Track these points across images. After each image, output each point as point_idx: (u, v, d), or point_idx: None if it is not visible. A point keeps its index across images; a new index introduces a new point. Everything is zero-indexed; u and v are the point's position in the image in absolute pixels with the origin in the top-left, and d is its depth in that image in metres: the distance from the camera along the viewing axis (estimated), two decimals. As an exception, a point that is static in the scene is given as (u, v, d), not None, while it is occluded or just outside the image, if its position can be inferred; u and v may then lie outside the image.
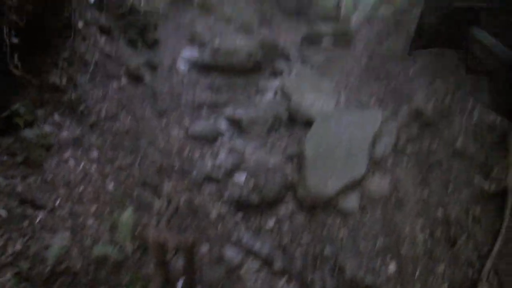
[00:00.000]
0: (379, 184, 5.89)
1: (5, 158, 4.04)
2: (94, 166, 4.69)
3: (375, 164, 6.29)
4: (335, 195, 5.63)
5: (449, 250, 4.97)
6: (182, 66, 8.57)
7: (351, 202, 5.64)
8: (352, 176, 5.79)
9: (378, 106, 8.12)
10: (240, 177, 6.19)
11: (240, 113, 7.84)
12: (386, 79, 9.20)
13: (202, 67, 8.88)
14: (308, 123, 7.40)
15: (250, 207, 5.86)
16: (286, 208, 5.84)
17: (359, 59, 11.08)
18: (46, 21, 5.02)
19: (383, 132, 6.83)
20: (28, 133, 4.34)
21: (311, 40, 12.40)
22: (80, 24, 5.79)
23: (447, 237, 5.06)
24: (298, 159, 6.55)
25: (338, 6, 16.95)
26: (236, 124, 7.74)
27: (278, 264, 5.21)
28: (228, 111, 7.96)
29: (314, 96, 8.30)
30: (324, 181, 5.71)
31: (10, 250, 3.40)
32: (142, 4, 7.59)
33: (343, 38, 12.49)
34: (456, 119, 6.34)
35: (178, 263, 4.17)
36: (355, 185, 5.83)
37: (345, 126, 6.80)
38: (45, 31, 5.09)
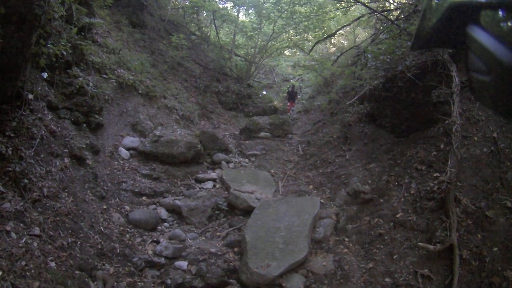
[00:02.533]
0: (322, 262, 6.27)
1: None
2: (35, 242, 4.74)
3: (317, 245, 6.72)
4: (278, 277, 5.89)
5: None
6: (123, 152, 8.87)
7: (296, 282, 5.91)
8: (294, 258, 6.13)
9: (316, 192, 8.75)
10: (182, 264, 6.31)
11: (179, 202, 8.15)
12: (323, 166, 9.98)
13: (143, 156, 9.24)
14: (247, 212, 7.84)
15: (194, 293, 5.96)
16: (231, 292, 6.00)
17: (296, 148, 11.95)
18: (0, 87, 5.31)
19: (322, 215, 7.41)
20: (-30, 202, 4.43)
21: (250, 131, 13.31)
22: (30, 96, 6.06)
23: None
24: (239, 246, 6.83)
25: (276, 99, 18.38)
26: (177, 213, 8.01)
27: None
28: (168, 200, 8.26)
29: (253, 186, 8.83)
30: (266, 264, 5.99)
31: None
32: (90, 86, 8.00)
33: (281, 129, 13.54)
34: (394, 193, 7.06)
35: None
36: (298, 266, 6.17)
37: (283, 213, 7.30)
38: None
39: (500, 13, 0.81)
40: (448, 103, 7.33)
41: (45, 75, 6.87)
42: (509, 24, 0.79)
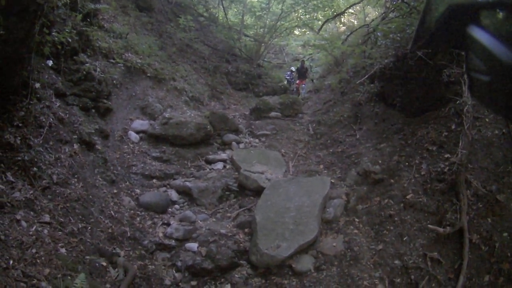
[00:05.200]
0: (332, 243, 6.21)
1: None
2: (46, 229, 4.72)
3: (327, 226, 6.65)
4: (288, 258, 5.85)
5: None
6: (133, 136, 8.81)
7: (306, 263, 5.88)
8: (304, 239, 6.07)
9: (327, 171, 8.63)
10: (193, 245, 6.30)
11: (190, 183, 8.10)
12: (333, 145, 9.83)
13: (152, 138, 9.17)
14: (257, 192, 7.75)
15: (204, 274, 5.92)
16: (241, 273, 5.94)
17: (307, 128, 11.77)
18: (4, 79, 5.22)
19: (333, 195, 7.27)
20: (-20, 191, 4.40)
21: (260, 111, 13.09)
22: (37, 85, 5.99)
23: (408, 283, 5.38)
24: (249, 227, 6.77)
25: (286, 78, 18.07)
26: (187, 194, 7.97)
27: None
28: (178, 182, 8.21)
29: (263, 167, 8.72)
30: (276, 245, 5.94)
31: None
32: (98, 72, 7.91)
33: (291, 108, 13.30)
34: (405, 174, 6.91)
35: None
36: (308, 247, 6.12)
37: (294, 193, 7.20)
38: (3, 88, 5.28)
39: (500, 13, 0.80)
40: (460, 83, 7.09)
41: (50, 63, 6.78)
42: (509, 24, 0.78)
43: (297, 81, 17.13)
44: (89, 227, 5.49)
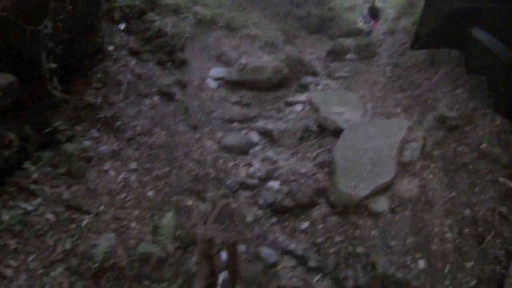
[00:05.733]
0: (407, 187, 6.00)
1: (48, 169, 4.40)
2: (133, 176, 5.00)
3: (403, 169, 6.39)
4: (365, 198, 5.75)
5: (477, 247, 5.02)
6: (211, 83, 8.93)
7: (381, 204, 5.74)
8: (381, 180, 5.92)
9: (404, 114, 8.24)
10: (274, 184, 6.36)
11: (270, 125, 8.10)
12: (410, 88, 9.30)
13: (230, 84, 9.23)
14: (336, 133, 7.55)
15: (285, 211, 6.01)
16: (319, 211, 5.95)
17: (383, 71, 11.22)
18: (79, 46, 5.48)
19: (410, 138, 6.95)
20: (69, 147, 4.72)
21: (336, 54, 12.65)
22: (111, 48, 6.21)
23: (475, 235, 5.11)
24: (328, 166, 6.70)
25: (360, 20, 17.17)
26: (268, 136, 7.98)
27: (312, 262, 5.30)
28: (259, 124, 8.24)
29: (341, 108, 8.45)
30: (354, 185, 5.85)
31: (60, 249, 3.70)
32: (168, 27, 8.01)
33: (367, 50, 12.68)
34: (480, 123, 6.44)
35: (222, 257, 4.36)
36: (385, 188, 5.95)
37: (372, 134, 6.97)
38: (79, 55, 5.56)
39: (500, 13, 0.67)
40: None
41: (122, 26, 6.99)
42: (509, 24, 0.65)
43: (372, 22, 16.25)
44: (174, 171, 5.72)
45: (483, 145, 6.10)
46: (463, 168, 6.02)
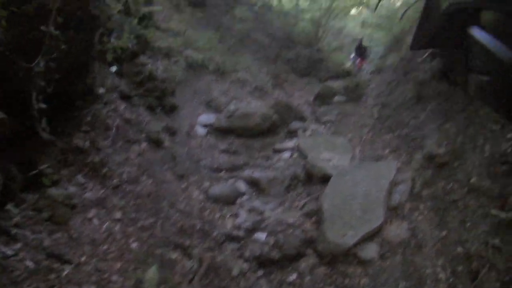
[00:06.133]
0: (397, 231, 6.00)
1: (31, 213, 4.31)
2: (117, 226, 4.94)
3: (392, 212, 6.41)
4: (354, 246, 5.71)
5: (471, 284, 4.95)
6: (200, 130, 8.98)
7: (371, 251, 5.70)
8: (370, 226, 5.91)
9: (392, 156, 8.33)
10: (261, 236, 6.31)
11: (258, 174, 8.10)
12: (398, 128, 9.45)
13: (219, 131, 9.29)
14: (324, 180, 7.56)
15: (271, 264, 5.91)
16: (307, 262, 5.87)
17: (371, 111, 11.40)
18: (71, 87, 5.49)
19: (398, 180, 7.01)
20: (54, 191, 4.64)
21: (324, 97, 12.90)
22: (102, 90, 6.25)
23: (469, 271, 5.07)
24: (316, 215, 6.67)
25: (348, 61, 17.56)
26: (255, 185, 7.96)
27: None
28: (246, 173, 8.24)
29: (330, 153, 8.53)
30: (343, 233, 5.83)
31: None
32: (160, 71, 8.11)
33: (355, 92, 12.94)
34: (469, 156, 6.53)
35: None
36: (374, 234, 5.94)
37: (360, 179, 7.00)
38: (69, 96, 5.56)
39: (500, 13, 0.73)
40: None
41: (114, 68, 7.04)
42: (509, 24, 0.67)
43: (357, 61, 16.56)
44: (160, 222, 5.65)
45: (473, 179, 6.06)
46: (453, 205, 5.99)
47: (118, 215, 5.10)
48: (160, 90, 8.06)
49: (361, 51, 16.41)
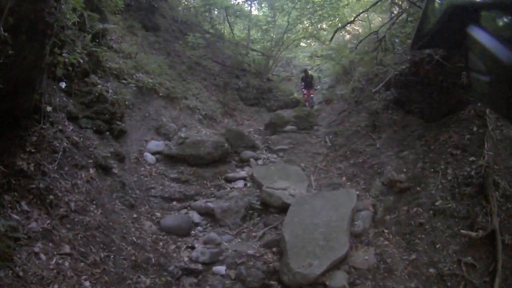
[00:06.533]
0: (364, 257, 5.99)
1: None
2: (67, 261, 4.43)
3: (356, 239, 6.44)
4: (321, 276, 5.57)
5: None
6: (149, 157, 8.58)
7: (339, 279, 5.61)
8: (335, 255, 5.83)
9: (350, 183, 8.39)
10: (220, 269, 6.01)
11: (211, 204, 7.83)
12: (354, 156, 9.60)
13: (169, 159, 8.92)
14: (282, 209, 7.46)
15: (235, 299, 5.64)
16: (273, 295, 5.68)
17: (324, 140, 11.57)
18: (16, 104, 4.99)
19: (359, 207, 7.09)
20: (-5, 221, 4.12)
21: (275, 126, 12.94)
22: (49, 109, 5.76)
23: None
24: (277, 245, 6.52)
25: (297, 90, 17.83)
26: (209, 215, 7.68)
27: None
28: (199, 203, 7.94)
29: (284, 182, 8.41)
30: (308, 263, 5.67)
31: None
32: (110, 93, 7.71)
33: (306, 121, 13.14)
34: (431, 181, 6.78)
35: None
36: (340, 262, 5.86)
37: (320, 208, 6.94)
38: (14, 112, 5.05)
39: (500, 13, 0.81)
40: None
41: (63, 85, 6.58)
42: (509, 24, 0.78)
43: (305, 91, 16.73)
44: (112, 256, 5.19)
45: (437, 203, 6.34)
46: (420, 228, 6.16)
47: (67, 249, 4.59)
48: (109, 113, 7.62)
49: (307, 82, 16.57)
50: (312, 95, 16.48)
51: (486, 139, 6.47)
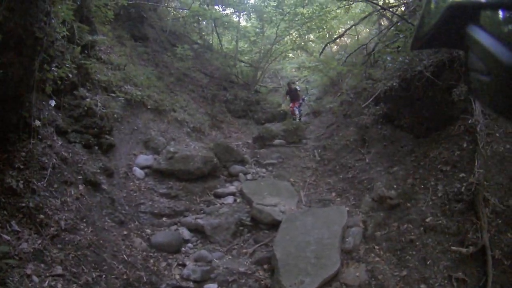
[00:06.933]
0: (355, 273, 6.04)
1: None
2: (60, 283, 4.37)
3: (347, 256, 6.48)
4: (313, 294, 5.58)
5: None
6: (138, 172, 8.53)
7: None
8: (327, 273, 5.89)
9: (340, 199, 8.46)
10: (212, 286, 6.00)
11: (201, 221, 7.81)
12: (343, 171, 9.67)
13: (158, 173, 8.88)
14: (272, 226, 7.53)
15: (227, 318, 5.64)
16: (265, 312, 5.70)
17: (313, 154, 11.61)
18: (4, 119, 4.99)
19: (350, 223, 7.15)
20: (-14, 242, 4.06)
21: (264, 139, 12.96)
22: (38, 123, 5.71)
23: None
24: (268, 263, 6.56)
25: (283, 102, 17.84)
26: (199, 232, 7.67)
27: None
28: (189, 219, 7.92)
29: (274, 198, 8.46)
30: (300, 281, 5.72)
31: None
32: (98, 106, 7.67)
33: (295, 134, 13.21)
34: (421, 197, 6.89)
35: None
36: (332, 279, 5.91)
37: (311, 226, 7.02)
38: (2, 129, 5.03)
39: (500, 13, 0.79)
40: (468, 100, 7.17)
41: (53, 103, 6.54)
42: (509, 24, 0.78)
43: (290, 105, 16.63)
44: (104, 275, 5.14)
45: (428, 219, 6.43)
46: (411, 245, 6.24)
47: (59, 270, 4.54)
48: (98, 127, 7.58)
49: (292, 95, 16.47)
50: (296, 108, 16.36)
51: (477, 156, 6.56)
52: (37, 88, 5.55)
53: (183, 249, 7.14)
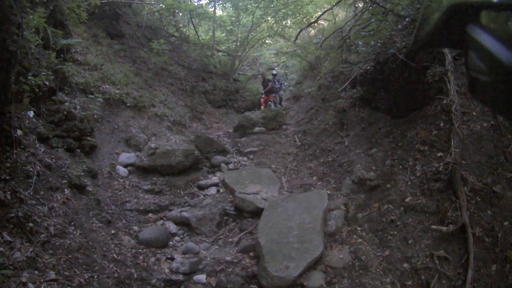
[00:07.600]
0: (339, 256, 6.26)
1: None
2: None
3: (331, 238, 6.70)
4: (299, 277, 5.85)
5: None
6: (121, 170, 8.73)
7: (317, 279, 5.89)
8: (311, 256, 6.09)
9: (321, 183, 8.69)
10: (201, 278, 6.25)
11: (186, 213, 8.04)
12: (323, 155, 9.89)
13: (141, 170, 9.10)
14: (255, 214, 7.78)
15: (217, 305, 5.87)
16: (254, 298, 5.93)
17: (293, 139, 11.83)
18: None
19: (331, 206, 7.34)
20: (-20, 255, 4.27)
21: (244, 128, 13.18)
22: (19, 133, 5.87)
23: (419, 284, 5.51)
24: (254, 250, 6.78)
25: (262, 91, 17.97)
26: (185, 225, 7.91)
27: None
28: (174, 213, 8.14)
29: (257, 186, 8.70)
30: (285, 266, 5.93)
31: None
32: (78, 109, 7.82)
33: (275, 121, 13.42)
34: (400, 177, 7.06)
35: None
36: (316, 263, 6.14)
37: (293, 211, 7.21)
38: None
39: (500, 13, 0.81)
40: (442, 80, 7.37)
41: (31, 114, 6.67)
42: (510, 24, 0.78)
43: (263, 97, 16.34)
44: (96, 276, 5.39)
45: (408, 199, 6.62)
46: (392, 225, 6.42)
47: (52, 275, 4.78)
48: (79, 130, 7.73)
49: (265, 86, 16.21)
50: (271, 102, 16.15)
51: (453, 135, 6.67)
52: (15, 99, 5.70)
53: (170, 243, 7.37)
